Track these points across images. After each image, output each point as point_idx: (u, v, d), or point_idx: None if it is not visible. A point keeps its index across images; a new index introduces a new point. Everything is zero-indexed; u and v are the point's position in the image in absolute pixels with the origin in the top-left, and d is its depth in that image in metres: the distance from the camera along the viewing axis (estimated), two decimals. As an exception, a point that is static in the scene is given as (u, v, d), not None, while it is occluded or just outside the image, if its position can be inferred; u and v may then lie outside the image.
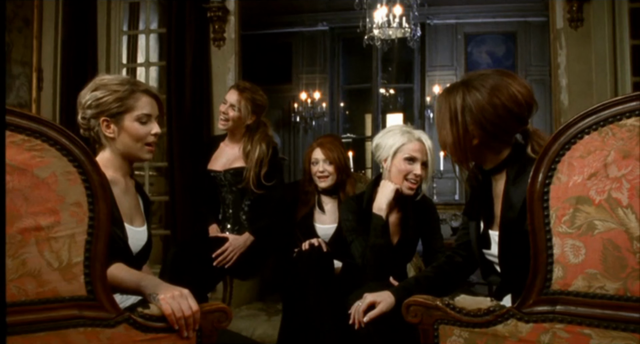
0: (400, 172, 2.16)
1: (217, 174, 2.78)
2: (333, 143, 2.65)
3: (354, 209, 2.25)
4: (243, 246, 2.51)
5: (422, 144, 2.18)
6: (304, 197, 2.69)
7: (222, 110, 2.74)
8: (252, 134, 2.75)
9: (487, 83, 1.50)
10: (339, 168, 2.61)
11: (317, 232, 2.61)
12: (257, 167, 2.67)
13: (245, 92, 2.74)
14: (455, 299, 1.36)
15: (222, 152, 2.85)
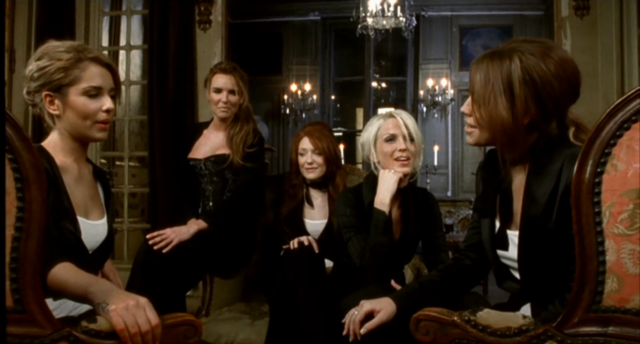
0: (386, 155, 1.97)
1: (197, 163, 2.58)
2: (322, 132, 2.44)
3: (351, 203, 2.03)
4: (187, 233, 2.23)
5: (396, 118, 1.99)
6: (291, 191, 2.48)
7: (220, 99, 2.53)
8: (238, 118, 2.56)
9: (554, 53, 1.26)
10: (329, 159, 2.41)
11: (306, 229, 2.40)
12: (242, 151, 2.48)
13: (234, 72, 2.57)
14: (477, 314, 1.11)
15: (206, 140, 2.64)
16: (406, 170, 1.96)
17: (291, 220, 2.42)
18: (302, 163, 2.41)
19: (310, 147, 2.39)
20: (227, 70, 2.56)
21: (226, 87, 2.53)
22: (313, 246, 2.09)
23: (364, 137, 2.05)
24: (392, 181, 1.92)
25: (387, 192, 1.91)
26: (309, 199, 2.46)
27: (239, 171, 2.51)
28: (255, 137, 2.55)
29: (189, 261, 2.14)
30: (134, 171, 4.91)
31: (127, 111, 3.98)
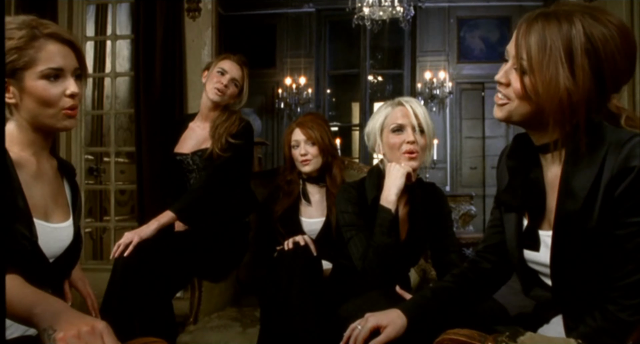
0: (393, 148, 1.79)
1: (184, 158, 2.41)
2: (314, 121, 2.27)
3: (353, 199, 1.84)
4: (147, 230, 2.02)
5: (405, 107, 1.81)
6: (287, 187, 2.31)
7: (221, 81, 2.36)
8: (226, 109, 2.40)
9: (615, 20, 1.09)
10: (323, 149, 2.25)
11: (302, 228, 2.24)
12: (223, 141, 2.30)
13: (245, 67, 2.46)
14: (519, 340, 0.91)
15: (192, 133, 2.47)
16: (414, 164, 1.78)
17: (286, 219, 2.25)
18: (296, 156, 2.25)
19: (303, 137, 2.23)
20: (239, 62, 2.44)
21: (232, 74, 2.38)
22: (309, 246, 1.93)
23: (369, 126, 1.88)
24: (400, 176, 1.74)
25: (394, 188, 1.73)
26: (306, 195, 2.29)
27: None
28: (241, 124, 2.37)
29: (172, 264, 1.97)
30: (122, 167, 4.72)
31: (114, 104, 3.79)
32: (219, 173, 2.26)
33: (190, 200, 2.19)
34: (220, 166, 2.27)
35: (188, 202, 2.17)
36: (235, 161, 2.30)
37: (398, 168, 1.76)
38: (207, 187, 2.22)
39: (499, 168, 1.36)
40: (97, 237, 4.51)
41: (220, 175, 2.25)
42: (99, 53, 4.52)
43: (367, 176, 1.91)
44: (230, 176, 2.28)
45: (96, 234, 4.45)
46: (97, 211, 4.55)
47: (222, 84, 2.34)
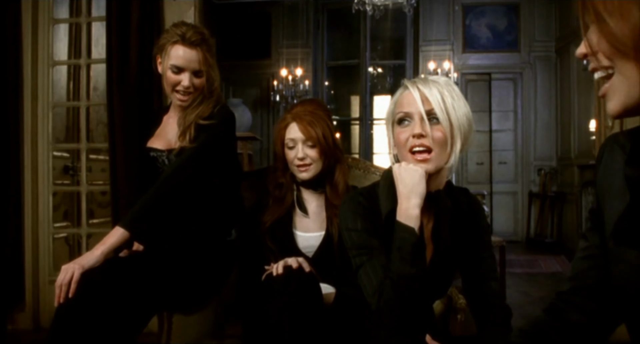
0: (399, 144, 1.37)
1: (159, 155, 1.97)
2: (315, 114, 1.85)
3: (364, 212, 1.39)
4: (92, 258, 1.57)
5: (409, 89, 1.37)
6: (277, 193, 1.89)
7: (180, 82, 1.88)
8: (203, 98, 1.95)
9: None
10: (325, 151, 1.83)
11: (297, 244, 1.83)
12: (192, 131, 1.85)
13: (203, 45, 1.90)
14: None
15: (166, 128, 2.04)
16: (426, 166, 1.33)
17: (277, 232, 1.84)
18: (291, 158, 1.83)
19: (301, 136, 1.81)
20: (193, 43, 1.88)
21: (190, 66, 1.88)
22: (304, 269, 1.52)
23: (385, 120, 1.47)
24: (418, 179, 1.31)
25: (415, 197, 1.30)
26: (301, 203, 1.88)
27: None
28: (216, 107, 1.91)
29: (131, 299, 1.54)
30: (104, 165, 4.31)
31: (86, 95, 3.37)
32: (182, 169, 1.76)
33: (143, 209, 1.67)
34: (185, 160, 1.79)
35: (141, 213, 1.67)
36: (205, 148, 1.80)
37: (414, 169, 1.32)
38: (165, 189, 1.71)
39: (599, 172, 0.94)
40: (74, 243, 4.11)
41: (184, 171, 1.75)
42: (75, 38, 4.11)
43: (381, 180, 1.47)
44: (199, 171, 1.78)
45: (73, 240, 4.05)
46: (74, 214, 4.16)
47: (184, 86, 1.87)
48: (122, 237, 1.64)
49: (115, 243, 1.62)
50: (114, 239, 1.62)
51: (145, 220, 1.68)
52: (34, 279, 3.27)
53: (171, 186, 1.73)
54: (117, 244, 1.63)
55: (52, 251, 3.29)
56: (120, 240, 1.63)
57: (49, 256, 3.27)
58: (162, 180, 1.74)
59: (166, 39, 1.91)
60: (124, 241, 1.64)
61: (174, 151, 1.91)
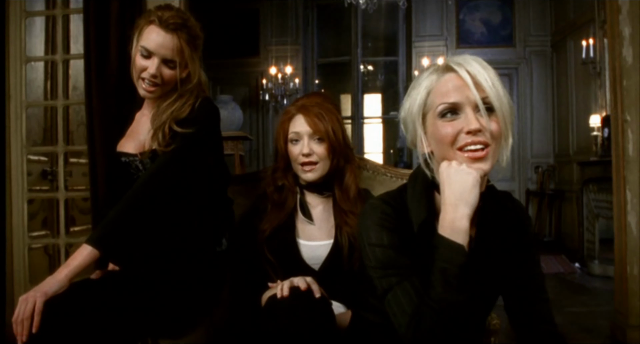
0: (444, 141, 1.12)
1: (132, 160, 1.73)
2: (323, 106, 1.63)
3: (390, 224, 1.15)
4: (56, 283, 1.35)
5: (454, 72, 1.13)
6: (277, 197, 1.67)
7: (146, 69, 1.64)
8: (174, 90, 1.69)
9: None
10: (334, 148, 1.61)
11: (301, 254, 1.60)
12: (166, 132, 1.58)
13: (181, 31, 1.65)
14: None
15: (139, 125, 1.79)
16: (483, 167, 1.10)
17: (278, 242, 1.62)
18: (295, 155, 1.61)
19: (307, 129, 1.59)
20: (169, 27, 1.62)
21: (160, 52, 1.63)
22: (313, 290, 1.29)
23: (404, 108, 1.22)
24: (471, 184, 1.08)
25: (464, 205, 1.07)
26: (305, 208, 1.65)
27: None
28: (196, 103, 1.66)
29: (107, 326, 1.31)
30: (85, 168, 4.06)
31: (63, 94, 3.12)
32: (156, 177, 1.51)
33: (113, 224, 1.43)
34: (159, 167, 1.54)
35: (111, 228, 1.43)
36: (182, 153, 1.56)
37: (467, 171, 1.09)
38: (138, 200, 1.47)
39: None
40: (54, 253, 3.85)
41: (159, 180, 1.51)
42: (52, 35, 3.85)
43: (409, 184, 1.24)
44: (176, 178, 1.54)
45: (53, 249, 3.79)
46: (54, 222, 3.90)
47: (150, 74, 1.62)
48: (90, 257, 1.40)
49: (82, 264, 1.38)
50: (80, 260, 1.38)
51: (117, 235, 1.43)
52: (8, 295, 3.01)
53: (145, 196, 1.49)
54: (85, 264, 1.39)
55: (28, 263, 3.03)
56: (88, 260, 1.40)
57: (24, 269, 3.02)
58: (134, 190, 1.50)
59: (143, 18, 1.67)
60: (93, 261, 1.41)
61: (145, 153, 1.66)
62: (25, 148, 3.00)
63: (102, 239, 1.41)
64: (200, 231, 1.62)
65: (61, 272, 1.37)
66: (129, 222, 1.45)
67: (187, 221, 1.59)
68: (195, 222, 1.61)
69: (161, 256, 1.54)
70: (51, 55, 3.72)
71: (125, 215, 1.45)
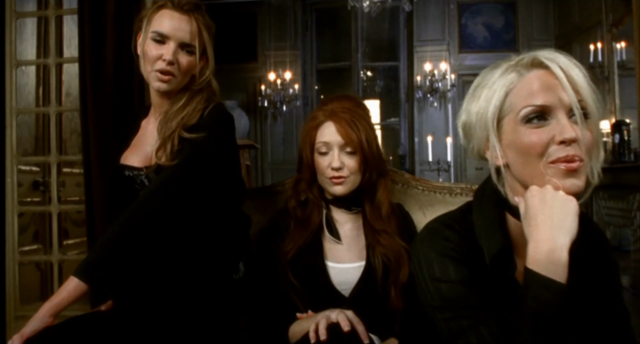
0: (531, 152, 0.93)
1: (137, 174, 1.52)
2: (355, 112, 1.45)
3: (456, 253, 0.97)
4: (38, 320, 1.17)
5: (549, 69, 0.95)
6: (300, 213, 1.49)
7: (162, 57, 1.44)
8: (187, 89, 1.50)
9: None
10: (368, 161, 1.43)
11: (329, 278, 1.42)
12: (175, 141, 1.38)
13: (197, 12, 1.50)
14: None
15: (145, 135, 1.59)
16: (577, 183, 0.92)
17: (304, 264, 1.43)
18: (323, 168, 1.42)
19: (338, 139, 1.41)
20: (184, 8, 1.46)
21: (177, 35, 1.44)
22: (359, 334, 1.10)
23: (470, 111, 1.04)
24: (569, 210, 0.89)
25: (564, 235, 0.88)
26: (331, 225, 1.47)
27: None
28: (207, 107, 1.47)
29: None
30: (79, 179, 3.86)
31: (56, 100, 2.93)
32: (156, 195, 1.31)
33: (104, 252, 1.23)
34: (161, 183, 1.34)
35: (102, 257, 1.23)
36: (190, 166, 1.36)
37: (566, 197, 0.90)
38: (134, 222, 1.27)
39: None
40: (47, 268, 3.64)
41: (159, 198, 1.31)
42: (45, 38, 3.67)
43: (475, 205, 1.05)
44: (181, 196, 1.33)
45: (45, 264, 3.59)
46: (46, 235, 3.70)
47: (166, 61, 1.43)
48: (77, 291, 1.21)
49: (67, 299, 1.20)
50: (65, 294, 1.20)
51: (108, 265, 1.24)
52: (-2, 314, 2.80)
53: (142, 218, 1.29)
54: (71, 299, 1.21)
55: (19, 280, 2.82)
56: (75, 294, 1.21)
57: (14, 287, 2.81)
58: (130, 210, 1.30)
59: (150, 8, 1.50)
60: (81, 295, 1.21)
61: (151, 167, 1.46)
62: (16, 158, 2.80)
63: (90, 270, 1.22)
64: (213, 256, 1.42)
65: (43, 308, 1.19)
66: (123, 248, 1.25)
67: (197, 244, 1.40)
68: (207, 245, 1.41)
69: (167, 287, 1.34)
70: (43, 59, 3.54)
71: (119, 240, 1.25)
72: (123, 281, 1.28)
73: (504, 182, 1.00)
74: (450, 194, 1.71)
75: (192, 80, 1.51)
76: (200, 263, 1.40)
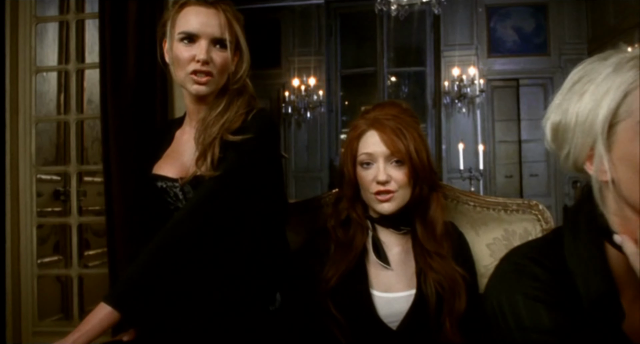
0: None
1: (171, 186, 1.40)
2: (401, 119, 1.30)
3: (547, 295, 0.79)
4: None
5: None
6: (342, 235, 1.33)
7: (195, 57, 1.32)
8: (225, 93, 1.37)
9: None
10: (418, 173, 1.27)
11: (376, 310, 1.26)
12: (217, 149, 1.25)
13: (223, 2, 1.37)
14: None
15: (180, 145, 1.46)
16: None
17: (347, 293, 1.27)
18: (368, 183, 1.27)
19: (383, 150, 1.26)
20: (207, 0, 1.34)
21: (207, 31, 1.32)
22: None
23: (568, 112, 0.87)
24: None
25: None
26: (378, 249, 1.31)
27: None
28: (250, 112, 1.34)
29: None
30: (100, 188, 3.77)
31: (77, 107, 2.82)
32: (196, 213, 1.18)
33: (138, 277, 1.12)
34: (202, 198, 1.21)
35: (135, 283, 1.11)
36: (235, 178, 1.23)
37: None
38: (171, 245, 1.14)
39: None
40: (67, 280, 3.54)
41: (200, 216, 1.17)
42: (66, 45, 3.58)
43: (567, 233, 0.88)
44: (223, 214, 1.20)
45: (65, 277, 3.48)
46: (67, 247, 3.60)
47: (200, 63, 1.31)
48: (109, 320, 1.09)
49: (97, 328, 1.08)
50: (94, 323, 1.08)
51: (143, 292, 1.11)
52: (14, 330, 2.69)
53: (180, 241, 1.16)
54: (101, 329, 1.08)
55: (37, 295, 2.71)
56: (106, 323, 1.09)
57: (32, 302, 2.70)
58: (166, 232, 1.17)
59: (172, 9, 1.38)
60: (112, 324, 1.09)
61: (186, 178, 1.33)
62: (35, 168, 2.70)
63: (123, 297, 1.10)
64: (250, 285, 1.27)
65: (70, 337, 1.06)
66: (159, 274, 1.13)
67: (232, 270, 1.26)
68: (244, 272, 1.27)
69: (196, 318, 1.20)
70: (63, 65, 3.45)
71: (154, 265, 1.13)
72: (156, 310, 1.15)
73: (606, 202, 0.83)
74: (506, 210, 1.53)
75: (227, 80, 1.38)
76: (234, 292, 1.26)
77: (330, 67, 7.53)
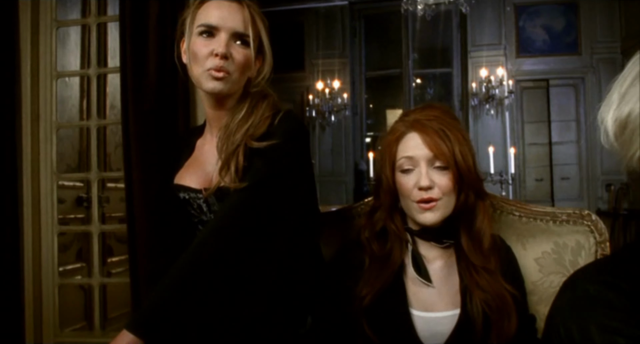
0: None
1: (192, 196, 1.31)
2: (444, 121, 1.18)
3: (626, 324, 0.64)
4: None
5: None
6: (378, 248, 1.22)
7: (213, 52, 1.22)
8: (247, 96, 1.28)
9: None
10: (463, 179, 1.16)
11: (415, 332, 1.15)
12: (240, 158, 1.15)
13: (252, 3, 1.29)
14: None
15: (202, 154, 1.38)
16: None
17: (384, 313, 1.16)
18: (409, 189, 1.16)
19: (425, 153, 1.15)
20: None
21: (227, 25, 1.23)
22: None
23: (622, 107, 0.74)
24: None
25: None
26: (420, 264, 1.20)
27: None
28: (276, 117, 1.24)
29: None
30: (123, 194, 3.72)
31: (98, 113, 2.77)
32: (223, 232, 1.09)
33: (162, 302, 1.04)
34: (227, 215, 1.13)
35: (159, 309, 1.04)
36: (263, 190, 1.13)
37: None
38: (197, 267, 1.06)
39: None
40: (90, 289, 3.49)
41: (227, 236, 1.08)
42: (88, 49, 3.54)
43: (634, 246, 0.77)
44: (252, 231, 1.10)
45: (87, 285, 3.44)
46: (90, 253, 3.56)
47: (218, 57, 1.21)
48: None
49: None
50: None
51: (167, 318, 1.03)
52: (36, 341, 2.64)
53: (206, 263, 1.07)
54: None
55: (58, 304, 2.65)
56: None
57: (54, 311, 2.64)
58: (191, 254, 1.08)
59: (191, 6, 1.29)
60: None
61: (210, 190, 1.23)
62: (55, 175, 2.64)
63: (146, 325, 1.02)
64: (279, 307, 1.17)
65: None
66: (183, 299, 1.04)
67: (260, 292, 1.16)
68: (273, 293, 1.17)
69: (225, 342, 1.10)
70: (83, 69, 3.40)
71: (178, 290, 1.05)
72: (180, 337, 1.06)
73: None
74: (554, 221, 1.40)
75: (248, 84, 1.28)
76: (263, 315, 1.15)
77: (355, 70, 7.43)
